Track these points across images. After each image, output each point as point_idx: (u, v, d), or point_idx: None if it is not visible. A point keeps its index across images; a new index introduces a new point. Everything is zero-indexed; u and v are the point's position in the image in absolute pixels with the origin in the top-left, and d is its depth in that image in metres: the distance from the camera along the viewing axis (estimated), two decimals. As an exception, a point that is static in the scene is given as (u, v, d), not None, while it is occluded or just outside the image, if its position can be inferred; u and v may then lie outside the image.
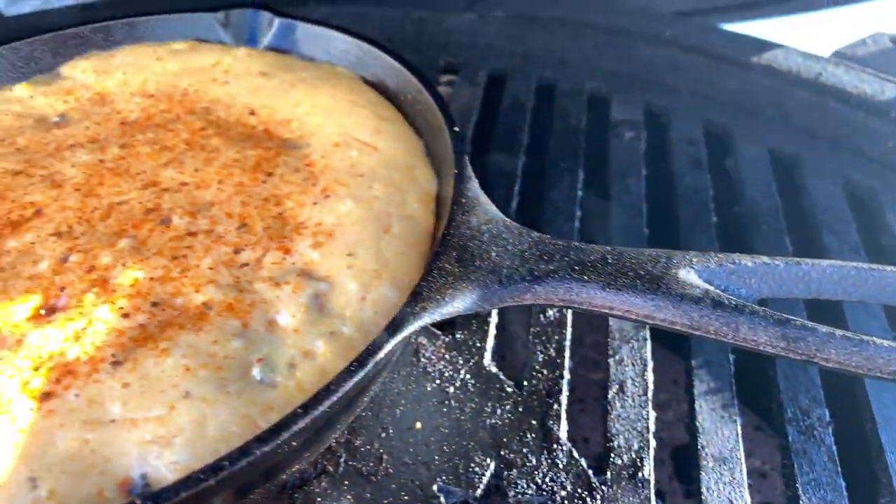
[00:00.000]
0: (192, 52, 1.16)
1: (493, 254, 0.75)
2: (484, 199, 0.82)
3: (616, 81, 1.35)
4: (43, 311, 0.80)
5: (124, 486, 0.64)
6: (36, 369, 0.73)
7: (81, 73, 1.14)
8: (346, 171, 0.93)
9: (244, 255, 0.84)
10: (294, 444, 0.62)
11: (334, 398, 0.63)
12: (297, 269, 0.82)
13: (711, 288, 0.70)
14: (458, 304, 0.72)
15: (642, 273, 0.71)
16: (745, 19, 1.76)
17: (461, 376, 0.90)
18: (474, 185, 0.83)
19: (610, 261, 0.73)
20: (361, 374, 0.65)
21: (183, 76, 1.12)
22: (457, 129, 0.91)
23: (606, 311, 0.71)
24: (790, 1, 1.66)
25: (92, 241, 0.87)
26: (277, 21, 1.17)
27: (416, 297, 0.71)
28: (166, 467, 0.65)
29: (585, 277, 0.72)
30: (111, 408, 0.69)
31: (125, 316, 0.78)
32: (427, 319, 0.71)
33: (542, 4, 1.44)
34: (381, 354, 0.66)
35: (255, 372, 0.72)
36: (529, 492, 0.80)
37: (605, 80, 1.36)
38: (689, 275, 0.71)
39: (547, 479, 0.80)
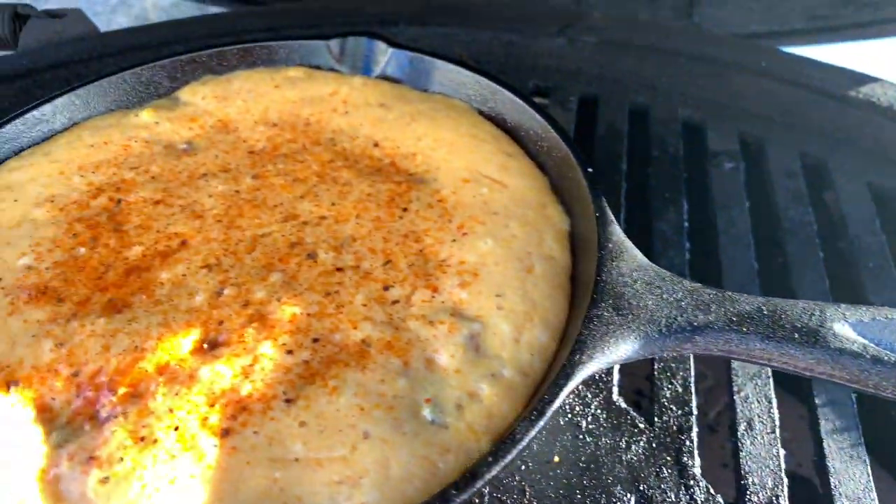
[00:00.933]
0: (308, 81, 1.19)
1: (650, 302, 0.78)
2: (629, 244, 0.85)
3: (709, 109, 1.38)
4: (206, 346, 0.84)
5: (318, 524, 0.68)
6: (211, 405, 0.77)
7: (202, 99, 1.17)
8: (479, 209, 0.96)
9: (394, 293, 0.87)
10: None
11: (520, 446, 0.66)
12: (447, 307, 0.85)
13: (868, 342, 0.73)
14: (620, 352, 0.75)
15: (799, 326, 0.74)
16: (818, 43, 1.78)
17: (592, 410, 0.93)
18: (617, 230, 0.86)
19: (765, 312, 0.75)
20: (542, 422, 0.68)
21: (303, 105, 1.16)
22: (590, 169, 0.94)
23: (765, 362, 0.74)
24: (869, 27, 1.67)
25: (242, 275, 0.90)
26: (391, 51, 1.19)
27: (581, 347, 0.74)
28: (358, 507, 0.68)
29: (744, 329, 0.75)
30: (293, 446, 0.73)
31: (289, 353, 0.82)
32: (593, 368, 0.74)
33: (635, 32, 1.46)
34: (557, 404, 0.70)
35: (426, 413, 0.75)
36: (671, 528, 0.83)
37: (698, 108, 1.38)
38: (845, 328, 0.74)
39: (687, 515, 0.84)
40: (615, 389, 0.96)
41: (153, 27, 1.59)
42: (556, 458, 0.89)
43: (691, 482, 0.86)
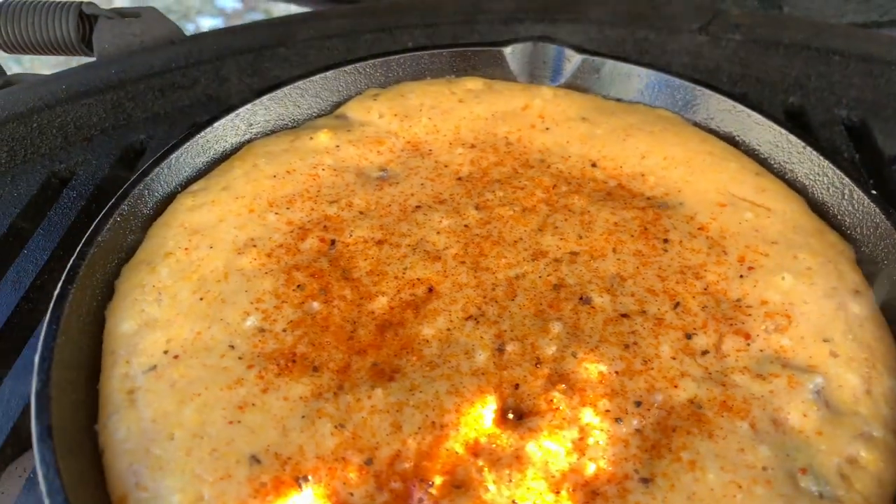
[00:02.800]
0: (491, 93, 1.07)
1: None
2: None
3: (868, 109, 1.32)
4: (510, 416, 0.73)
5: None
6: (556, 493, 0.66)
7: (379, 117, 1.04)
8: (752, 237, 0.87)
9: (699, 341, 0.78)
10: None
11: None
12: (769, 357, 0.76)
13: None
14: None
15: None
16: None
17: None
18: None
19: None
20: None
21: (496, 122, 1.04)
22: (874, 191, 0.86)
23: None
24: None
25: (517, 327, 0.79)
26: (580, 58, 1.08)
27: (976, 400, 0.67)
28: None
29: None
30: (679, 538, 0.63)
31: (617, 420, 0.71)
32: None
33: (783, 28, 1.38)
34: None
35: (807, 485, 0.66)
36: None
37: (857, 108, 1.32)
38: None
39: None
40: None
41: (249, 28, 1.43)
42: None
43: None
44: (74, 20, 1.37)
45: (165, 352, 0.76)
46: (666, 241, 0.88)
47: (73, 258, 0.80)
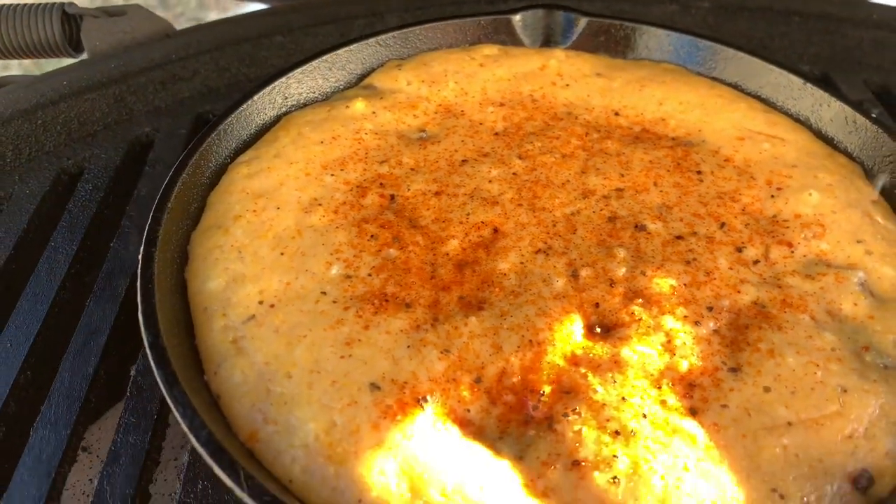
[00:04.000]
0: (508, 57, 1.13)
1: None
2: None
3: (827, 63, 1.45)
4: (598, 329, 0.78)
5: (852, 482, 0.66)
6: (658, 387, 0.72)
7: (407, 84, 1.08)
8: (774, 163, 0.96)
9: (749, 253, 0.86)
10: None
11: None
12: (812, 260, 0.85)
13: None
14: None
15: None
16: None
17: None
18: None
19: None
20: None
21: (519, 82, 1.10)
22: (874, 114, 0.97)
23: None
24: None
25: (585, 255, 0.85)
26: (585, 20, 1.16)
27: None
28: (883, 458, 0.67)
29: None
30: (775, 412, 0.70)
31: (696, 323, 0.78)
32: None
33: (750, -7, 1.50)
34: None
35: (871, 358, 0.74)
36: None
37: (817, 63, 1.45)
38: None
39: None
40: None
41: (244, 19, 1.44)
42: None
43: None
44: (58, 21, 1.36)
45: (260, 302, 0.78)
46: (699, 172, 0.96)
47: (148, 224, 0.82)
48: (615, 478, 0.64)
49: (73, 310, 1.00)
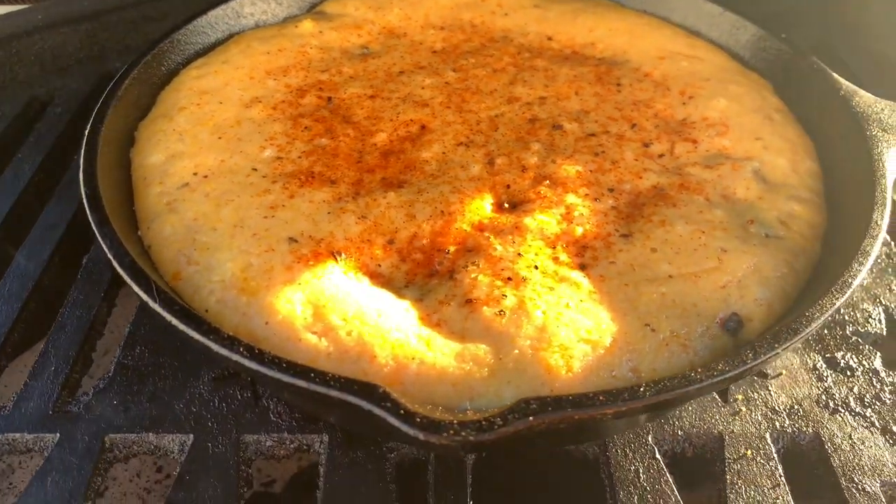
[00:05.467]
0: (453, -11, 1.21)
1: (906, 118, 0.88)
2: (857, 87, 0.94)
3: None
4: (506, 205, 0.85)
5: (721, 324, 0.72)
6: (553, 247, 0.78)
7: (354, 10, 1.16)
8: (690, 77, 1.03)
9: (655, 148, 0.92)
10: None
11: (881, 237, 0.74)
12: (714, 154, 0.91)
13: None
14: (902, 161, 0.85)
15: None
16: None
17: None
18: (842, 79, 0.95)
19: None
20: (887, 212, 0.76)
21: (461, 10, 1.17)
22: (784, 35, 1.04)
23: None
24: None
25: (503, 147, 0.91)
26: (527, -41, 1.23)
27: (876, 159, 0.83)
28: (752, 304, 0.73)
29: None
30: (659, 268, 0.76)
31: (596, 200, 0.84)
32: (892, 178, 0.82)
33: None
34: (889, 199, 0.78)
35: (756, 230, 0.81)
36: None
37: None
38: None
39: None
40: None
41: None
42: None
43: None
44: (40, -35, 1.43)
45: (195, 174, 0.85)
46: (619, 84, 1.02)
47: (98, 105, 0.89)
48: (501, 311, 0.71)
49: (34, 208, 1.07)
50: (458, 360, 0.67)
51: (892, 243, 1.05)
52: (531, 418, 0.56)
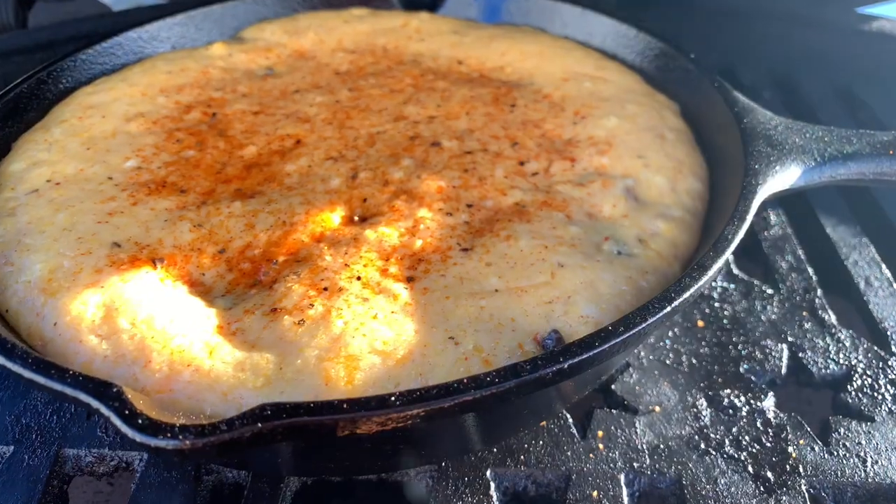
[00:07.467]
0: (375, 17, 1.20)
1: (797, 139, 0.82)
2: (754, 104, 0.88)
3: (735, 55, 1.46)
4: (356, 219, 0.81)
5: (537, 340, 0.65)
6: (386, 259, 0.74)
7: (271, 34, 1.16)
8: (588, 98, 0.98)
9: (531, 166, 0.87)
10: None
11: (725, 255, 0.67)
12: (590, 172, 0.86)
13: None
14: (785, 180, 0.78)
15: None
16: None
17: (717, 284, 0.95)
18: (741, 96, 0.89)
19: (899, 139, 0.80)
20: (742, 229, 0.69)
21: (377, 35, 1.16)
22: (692, 55, 0.99)
23: (917, 179, 0.78)
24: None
25: (371, 163, 0.88)
26: (454, -12, 1.22)
27: (754, 174, 0.76)
28: (577, 321, 0.66)
29: (892, 152, 0.79)
30: (487, 281, 0.71)
31: (448, 214, 0.80)
32: (764, 193, 0.76)
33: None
34: (750, 215, 0.71)
35: (609, 247, 0.75)
36: (830, 366, 0.84)
37: (725, 54, 1.46)
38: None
39: (840, 356, 0.85)
40: (733, 266, 0.98)
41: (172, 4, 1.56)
42: (700, 323, 0.90)
43: (833, 331, 0.88)
44: (13, 5, 1.50)
45: (48, 180, 0.84)
46: (513, 105, 0.99)
47: (-29, 116, 0.90)
48: (301, 321, 0.66)
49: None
50: (237, 368, 0.63)
51: (814, 277, 0.96)
52: (259, 424, 0.52)
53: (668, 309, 0.61)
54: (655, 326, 0.61)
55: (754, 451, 0.75)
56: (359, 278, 0.71)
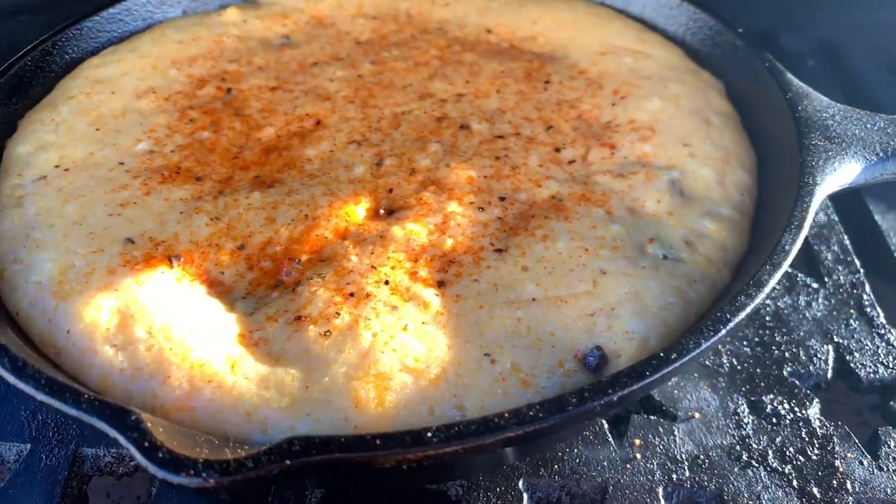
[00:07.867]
0: (397, -22, 1.13)
1: (857, 131, 0.76)
2: (809, 88, 0.82)
3: (775, 19, 1.37)
4: (382, 212, 0.76)
5: (579, 357, 0.61)
6: (415, 261, 0.70)
7: (287, -1, 1.09)
8: (628, 75, 0.92)
9: (567, 153, 0.82)
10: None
11: (783, 269, 0.62)
12: (632, 161, 0.80)
13: None
14: (843, 177, 0.72)
15: None
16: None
17: (760, 275, 0.90)
18: (794, 79, 0.83)
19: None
20: (800, 238, 0.64)
21: (400, 0, 1.09)
22: (741, 30, 0.92)
23: None
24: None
25: (397, 148, 0.83)
26: (481, -54, 1.14)
27: (811, 171, 0.71)
28: (622, 337, 0.62)
29: (962, 146, 0.73)
30: (524, 289, 0.66)
31: (480, 209, 0.75)
32: (822, 194, 0.70)
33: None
34: (808, 222, 0.66)
35: (654, 250, 0.70)
36: (879, 371, 0.80)
37: (765, 17, 1.37)
38: None
39: (889, 359, 0.81)
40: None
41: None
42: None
43: (882, 330, 0.84)
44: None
45: (57, 166, 0.79)
46: (547, 82, 0.92)
47: (-27, 94, 0.85)
48: (328, 331, 0.62)
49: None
50: (261, 386, 0.59)
51: (862, 270, 0.91)
52: (288, 461, 0.48)
53: (724, 332, 0.56)
54: (709, 351, 0.56)
55: (799, 463, 0.72)
56: (387, 282, 0.67)
